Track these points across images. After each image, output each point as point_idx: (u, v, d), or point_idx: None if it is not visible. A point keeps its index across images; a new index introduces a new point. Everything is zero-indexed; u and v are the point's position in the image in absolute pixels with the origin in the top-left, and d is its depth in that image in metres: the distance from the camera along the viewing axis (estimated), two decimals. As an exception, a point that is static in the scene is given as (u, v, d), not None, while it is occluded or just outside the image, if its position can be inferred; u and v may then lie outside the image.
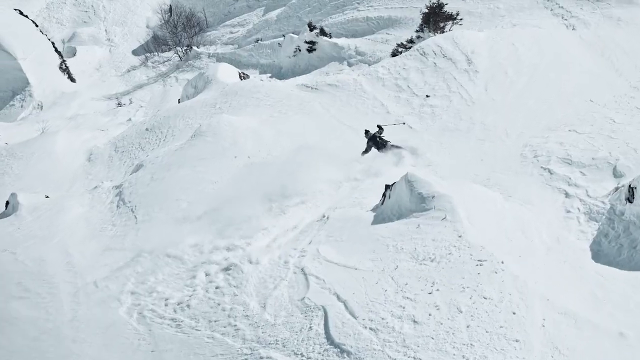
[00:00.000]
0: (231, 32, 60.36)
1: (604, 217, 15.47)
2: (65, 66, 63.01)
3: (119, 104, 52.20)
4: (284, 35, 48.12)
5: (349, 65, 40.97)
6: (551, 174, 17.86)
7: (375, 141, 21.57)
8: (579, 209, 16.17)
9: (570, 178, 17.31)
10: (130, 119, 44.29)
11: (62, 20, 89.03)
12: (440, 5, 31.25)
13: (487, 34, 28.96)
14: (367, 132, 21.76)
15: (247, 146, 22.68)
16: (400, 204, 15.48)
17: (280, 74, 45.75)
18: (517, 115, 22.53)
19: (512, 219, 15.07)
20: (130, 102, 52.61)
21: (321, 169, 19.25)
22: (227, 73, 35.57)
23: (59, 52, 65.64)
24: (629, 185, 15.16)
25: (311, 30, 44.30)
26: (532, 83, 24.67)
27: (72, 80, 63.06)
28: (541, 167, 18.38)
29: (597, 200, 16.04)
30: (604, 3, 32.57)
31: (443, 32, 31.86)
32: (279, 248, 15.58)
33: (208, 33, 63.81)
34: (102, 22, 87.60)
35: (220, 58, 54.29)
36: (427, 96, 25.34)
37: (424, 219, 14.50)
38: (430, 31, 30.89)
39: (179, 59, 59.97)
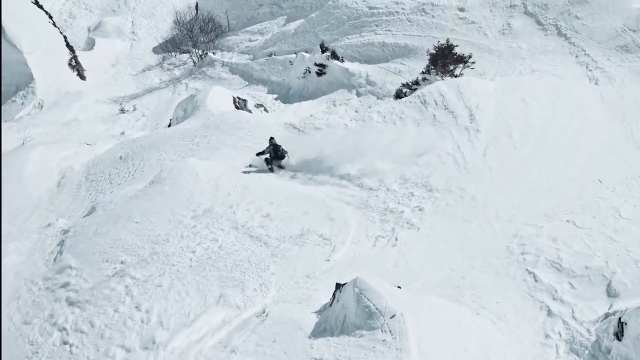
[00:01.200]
0: (250, 40, 58.08)
1: (587, 352, 13.19)
2: (76, 62, 60.84)
3: (122, 110, 49.84)
4: (296, 53, 45.50)
5: (358, 95, 38.50)
6: (536, 280, 15.37)
7: (276, 150, 23.76)
8: (560, 334, 13.83)
9: (556, 290, 14.84)
10: (123, 132, 41.94)
11: (91, 7, 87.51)
12: (450, 47, 28.47)
13: (497, 84, 26.22)
14: (272, 138, 23.92)
15: (203, 203, 20.17)
16: (346, 313, 13.37)
17: (287, 96, 43.36)
18: (514, 192, 19.89)
19: (477, 345, 12.69)
20: (134, 109, 50.46)
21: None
22: (218, 99, 33.26)
23: (71, 46, 63.45)
24: (619, 319, 12.73)
25: (323, 51, 41.74)
26: (538, 151, 22.00)
27: (82, 77, 60.78)
28: (526, 269, 15.89)
29: (582, 326, 13.65)
30: (633, 55, 29.71)
31: (453, 74, 29.07)
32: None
33: (228, 38, 61.44)
34: (130, 12, 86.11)
35: (233, 69, 52.14)
36: (419, 154, 22.67)
37: (367, 340, 12.17)
38: (437, 74, 28.09)
39: (193, 64, 57.49)
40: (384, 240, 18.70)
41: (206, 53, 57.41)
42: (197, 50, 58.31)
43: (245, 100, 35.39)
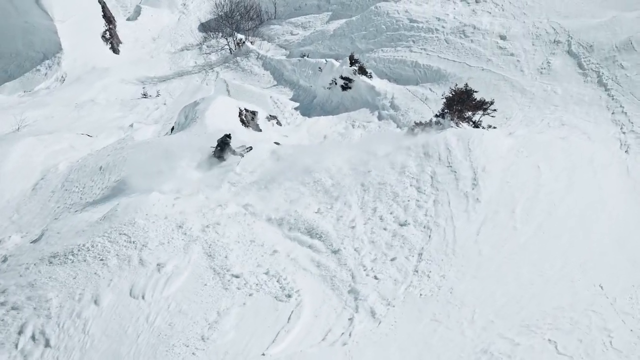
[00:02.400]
0: (291, 33, 55.86)
1: None
2: (110, 35, 58.90)
3: (144, 95, 47.84)
4: (326, 60, 43.04)
5: (379, 117, 36.11)
6: None
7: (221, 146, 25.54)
8: None
9: None
10: (132, 125, 39.89)
11: None
12: (469, 93, 25.74)
13: (513, 142, 23.51)
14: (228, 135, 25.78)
15: (154, 260, 18.00)
16: None
17: (309, 106, 41.12)
18: (499, 289, 17.30)
19: None
20: (157, 95, 48.36)
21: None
22: (220, 112, 30.99)
23: (109, 17, 61.32)
24: None
25: (351, 64, 39.18)
26: (539, 236, 19.30)
27: (115, 51, 58.86)
28: (482, 407, 13.32)
29: None
30: (676, 120, 26.82)
31: (471, 120, 26.36)
32: None
33: (272, 26, 59.20)
34: None
35: (266, 63, 50.18)
36: (405, 222, 20.18)
37: None
38: (452, 119, 25.43)
39: (230, 51, 55.28)
40: (336, 333, 16.25)
41: (243, 42, 54.88)
42: (235, 38, 55.80)
43: (254, 113, 33.06)
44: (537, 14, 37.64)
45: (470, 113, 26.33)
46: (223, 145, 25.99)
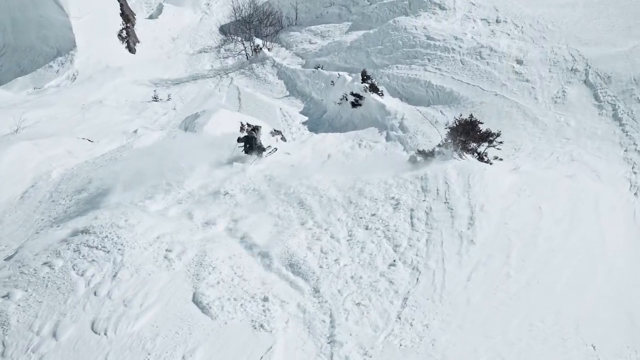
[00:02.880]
0: (310, 42, 55.05)
1: None
2: (127, 33, 58.23)
3: (155, 98, 47.14)
4: (339, 74, 42.17)
5: (387, 138, 35.21)
6: None
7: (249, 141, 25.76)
8: None
9: None
10: (136, 131, 39.17)
11: None
12: (474, 123, 24.73)
13: (515, 180, 22.53)
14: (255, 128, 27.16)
15: (123, 291, 17.17)
16: None
17: (319, 120, 40.35)
18: (483, 345, 16.40)
19: None
20: (168, 99, 47.64)
21: None
22: (220, 126, 29.98)
23: (127, 15, 60.71)
24: None
25: (363, 80, 38.27)
26: (531, 288, 18.34)
27: (131, 50, 58.23)
28: None
29: None
30: (692, 160, 25.72)
31: (476, 151, 25.38)
32: None
33: (292, 33, 58.45)
34: None
35: (281, 72, 49.55)
36: (393, 261, 19.29)
37: None
38: (455, 150, 24.47)
39: (246, 57, 54.53)
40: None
41: (260, 48, 54.12)
42: (252, 44, 55.04)
43: (256, 128, 32.10)
44: (557, 39, 36.52)
45: (475, 144, 25.22)
46: (249, 140, 26.03)
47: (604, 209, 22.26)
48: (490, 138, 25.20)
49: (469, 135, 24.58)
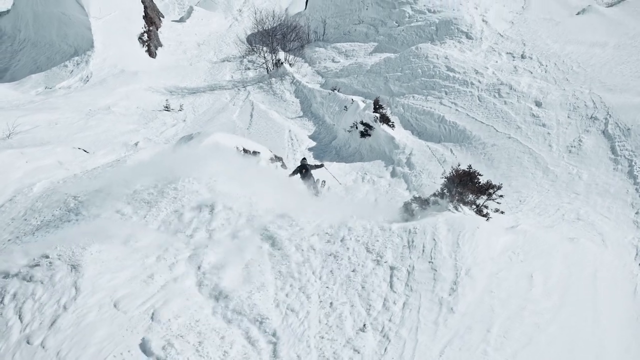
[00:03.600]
0: (333, 60, 53.81)
1: None
2: (149, 37, 57.20)
3: (166, 108, 46.09)
4: (352, 100, 40.87)
5: (392, 174, 33.95)
6: None
7: (304, 169, 28.85)
8: None
9: None
10: (137, 143, 38.09)
11: None
12: (472, 175, 23.29)
13: (510, 241, 21.06)
14: (304, 158, 29.65)
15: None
16: None
17: (327, 147, 39.19)
18: None
19: None
20: (180, 109, 46.59)
21: None
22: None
23: (151, 18, 59.82)
24: None
25: (375, 109, 36.94)
26: (509, 370, 16.77)
27: (152, 54, 57.28)
28: None
29: None
30: None
31: (475, 204, 23.93)
32: None
33: (317, 48, 57.19)
34: None
35: (298, 90, 48.55)
36: (364, 326, 17.95)
37: None
38: (452, 201, 23.06)
39: (267, 71, 53.37)
40: None
41: (282, 63, 52.93)
42: (273, 57, 53.85)
43: (255, 153, 30.97)
44: (580, 82, 34.96)
45: (471, 197, 23.77)
46: (302, 168, 28.75)
47: (603, 282, 20.75)
48: (490, 191, 23.63)
49: (466, 186, 23.06)
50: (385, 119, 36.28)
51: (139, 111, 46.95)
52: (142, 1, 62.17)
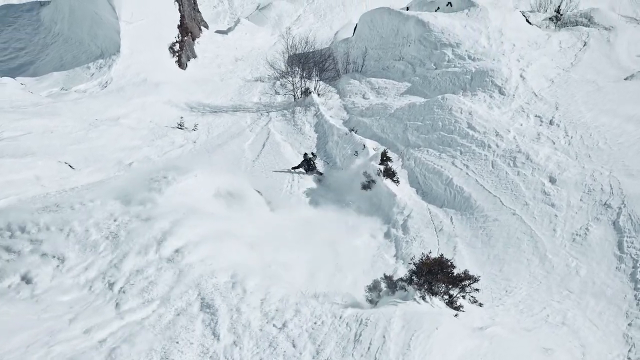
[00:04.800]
0: (363, 96, 52.28)
1: None
2: (181, 47, 55.87)
3: (180, 125, 44.74)
4: (364, 146, 39.03)
5: (385, 236, 32.26)
6: None
7: (308, 163, 39.14)
8: None
9: None
10: (131, 164, 36.66)
11: None
12: (442, 264, 21.28)
13: (471, 347, 19.18)
14: (305, 154, 39.63)
15: None
16: None
17: (328, 192, 37.26)
18: None
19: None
20: (194, 128, 45.20)
21: None
22: (187, 192, 27.35)
23: (186, 28, 58.62)
24: None
25: (382, 161, 35.08)
26: None
27: (181, 66, 55.95)
28: None
29: None
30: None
31: (447, 294, 21.95)
32: None
33: (352, 80, 55.33)
34: (308, 3, 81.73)
35: (319, 125, 46.93)
36: None
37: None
38: (419, 289, 21.13)
39: (294, 98, 51.78)
40: None
41: (310, 92, 51.27)
42: (302, 85, 52.22)
43: (239, 196, 29.40)
44: (603, 162, 32.66)
45: (444, 287, 21.76)
46: (309, 162, 39.66)
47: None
48: (465, 282, 21.60)
49: (436, 276, 21.06)
50: (389, 174, 34.35)
51: (151, 125, 45.55)
52: (179, 10, 60.68)
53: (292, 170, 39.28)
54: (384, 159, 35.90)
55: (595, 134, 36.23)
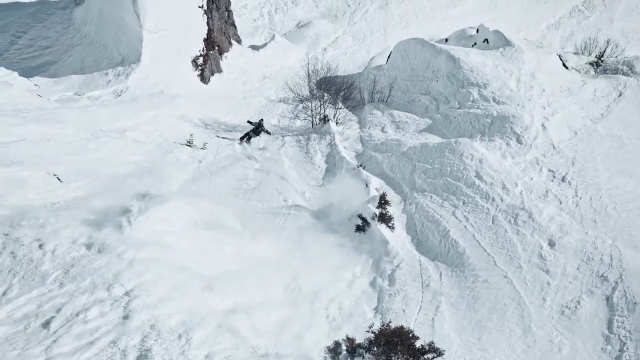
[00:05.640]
0: (382, 129, 51.08)
1: None
2: (204, 61, 55.05)
3: (188, 143, 43.92)
4: (367, 185, 37.88)
5: (370, 284, 31.01)
6: None
7: (256, 128, 46.54)
8: None
9: None
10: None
11: (319, 1, 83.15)
12: (403, 335, 20.07)
13: None
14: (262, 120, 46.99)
15: None
16: None
17: (317, 227, 35.98)
18: None
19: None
20: (203, 148, 44.33)
21: None
22: (159, 222, 26.49)
23: (213, 42, 57.78)
24: None
25: (380, 204, 33.94)
26: None
27: (204, 80, 55.06)
28: None
29: None
30: None
31: (409, 365, 20.75)
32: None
33: (375, 110, 54.21)
34: (347, 25, 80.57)
35: (330, 156, 45.77)
36: None
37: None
38: (377, 358, 19.92)
39: (312, 124, 50.71)
40: None
41: (328, 119, 50.21)
42: (321, 111, 51.12)
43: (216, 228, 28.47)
44: (608, 229, 31.15)
45: (404, 359, 20.53)
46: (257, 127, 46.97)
47: None
48: (426, 357, 20.34)
49: (395, 347, 19.86)
50: (385, 219, 33.11)
51: (160, 140, 44.58)
52: (207, 23, 59.88)
53: (241, 142, 47.97)
54: (382, 202, 34.64)
55: (606, 196, 34.66)
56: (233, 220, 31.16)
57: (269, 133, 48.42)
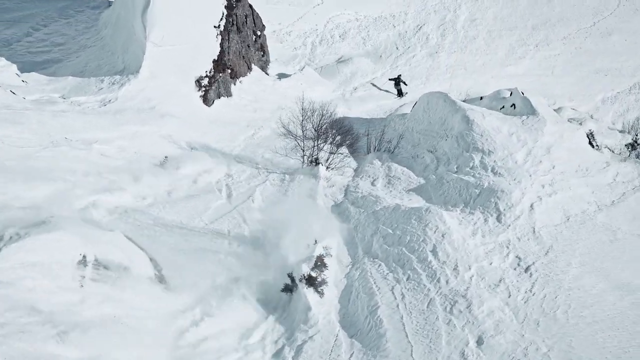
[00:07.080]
0: (372, 182, 48.50)
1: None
2: (210, 83, 53.20)
3: (161, 164, 42.07)
4: (315, 241, 35.62)
5: (276, 354, 28.61)
6: None
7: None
8: None
9: None
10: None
11: (368, 38, 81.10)
12: None
13: None
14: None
15: None
16: None
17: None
18: None
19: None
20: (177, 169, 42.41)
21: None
22: (30, 252, 24.44)
23: (225, 65, 55.90)
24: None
25: (315, 266, 31.91)
26: None
27: (206, 101, 53.19)
28: None
29: None
30: None
31: None
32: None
33: (375, 161, 51.90)
34: (390, 67, 77.82)
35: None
36: None
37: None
38: None
39: (302, 164, 48.50)
40: None
41: (318, 163, 48.00)
42: (314, 152, 48.94)
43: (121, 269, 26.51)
44: (548, 335, 28.68)
45: None
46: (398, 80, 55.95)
47: None
48: None
49: None
50: (314, 283, 30.79)
51: (134, 158, 42.79)
52: (220, 44, 58.14)
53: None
54: (317, 264, 32.38)
55: (563, 297, 31.92)
56: (142, 260, 28.80)
57: (405, 83, 65.19)
